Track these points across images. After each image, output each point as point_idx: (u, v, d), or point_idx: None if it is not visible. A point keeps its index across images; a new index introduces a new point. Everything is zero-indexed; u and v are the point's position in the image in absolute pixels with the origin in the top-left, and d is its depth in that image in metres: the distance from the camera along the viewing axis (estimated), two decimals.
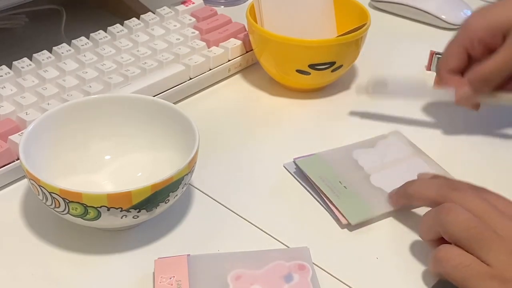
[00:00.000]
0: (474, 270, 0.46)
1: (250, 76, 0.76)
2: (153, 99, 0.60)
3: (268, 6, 0.72)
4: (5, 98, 0.63)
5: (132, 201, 0.49)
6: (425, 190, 0.53)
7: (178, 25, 0.76)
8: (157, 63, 0.70)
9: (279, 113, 0.71)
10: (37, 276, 0.51)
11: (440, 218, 0.49)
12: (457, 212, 0.48)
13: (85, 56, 0.69)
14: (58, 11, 0.81)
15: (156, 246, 0.54)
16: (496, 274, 0.45)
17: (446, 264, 0.47)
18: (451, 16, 0.88)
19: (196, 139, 0.54)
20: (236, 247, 0.53)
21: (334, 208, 0.57)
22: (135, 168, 0.59)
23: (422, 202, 0.54)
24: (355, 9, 0.75)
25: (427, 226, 0.51)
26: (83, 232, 0.54)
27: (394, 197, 0.57)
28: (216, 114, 0.70)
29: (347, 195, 0.58)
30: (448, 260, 0.47)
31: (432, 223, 0.50)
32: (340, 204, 0.57)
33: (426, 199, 0.53)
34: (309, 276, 0.49)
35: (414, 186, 0.55)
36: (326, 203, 0.58)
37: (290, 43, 0.68)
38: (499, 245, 0.46)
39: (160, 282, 0.48)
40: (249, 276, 0.49)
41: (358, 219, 0.56)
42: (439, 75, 0.66)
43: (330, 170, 0.60)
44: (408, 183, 0.56)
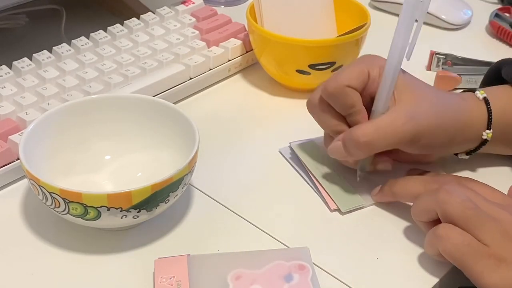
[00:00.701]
0: (473, 248, 0.48)
1: (250, 76, 0.76)
2: (153, 99, 0.60)
3: (268, 6, 0.72)
4: (5, 98, 0.63)
5: (132, 201, 0.49)
6: (411, 188, 0.55)
7: (178, 25, 0.76)
8: (157, 63, 0.70)
9: (279, 113, 0.71)
10: (37, 276, 0.51)
11: (439, 199, 0.50)
12: (456, 194, 0.50)
13: (85, 56, 0.69)
14: (58, 11, 0.81)
15: (156, 246, 0.54)
16: (492, 253, 0.47)
17: (446, 242, 0.48)
18: (451, 16, 0.88)
19: (196, 139, 0.54)
20: (236, 247, 0.53)
21: (325, 193, 0.58)
22: (135, 168, 0.59)
23: (409, 199, 0.56)
24: (355, 9, 0.75)
25: (422, 207, 0.52)
26: (83, 232, 0.54)
27: (379, 195, 0.58)
28: (216, 114, 0.70)
29: (339, 182, 0.59)
30: (449, 238, 0.48)
31: (430, 204, 0.51)
32: (332, 191, 0.58)
33: (414, 196, 0.54)
34: (309, 276, 0.49)
35: (399, 184, 0.56)
36: (317, 189, 0.59)
37: (290, 43, 0.68)
38: (494, 226, 0.48)
39: (160, 282, 0.48)
40: (249, 276, 0.49)
41: (348, 206, 0.57)
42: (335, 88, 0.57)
43: (324, 157, 0.61)
44: (392, 182, 0.57)
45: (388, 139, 0.55)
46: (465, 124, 0.58)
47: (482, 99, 0.59)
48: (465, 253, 0.48)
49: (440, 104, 0.57)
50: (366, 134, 0.54)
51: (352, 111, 0.56)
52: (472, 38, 0.87)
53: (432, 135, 0.56)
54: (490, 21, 0.88)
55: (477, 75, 0.75)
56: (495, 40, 0.87)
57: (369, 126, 0.55)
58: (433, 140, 0.57)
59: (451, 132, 0.57)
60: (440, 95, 0.59)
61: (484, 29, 0.89)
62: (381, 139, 0.55)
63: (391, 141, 0.55)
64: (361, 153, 0.56)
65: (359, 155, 0.56)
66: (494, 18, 0.87)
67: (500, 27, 0.86)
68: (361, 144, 0.55)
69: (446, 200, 0.49)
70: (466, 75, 0.75)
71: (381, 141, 0.55)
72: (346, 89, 0.56)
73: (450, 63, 0.78)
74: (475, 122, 0.59)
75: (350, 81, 0.56)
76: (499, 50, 0.84)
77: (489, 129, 0.59)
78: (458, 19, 0.89)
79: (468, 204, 0.49)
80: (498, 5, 0.94)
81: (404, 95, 0.56)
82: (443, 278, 0.52)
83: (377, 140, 0.55)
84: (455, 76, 0.75)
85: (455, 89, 0.75)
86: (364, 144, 0.55)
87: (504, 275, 0.47)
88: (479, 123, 0.59)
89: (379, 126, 0.55)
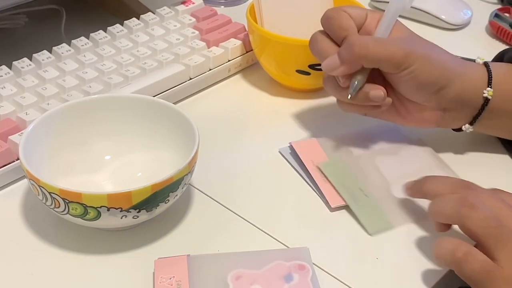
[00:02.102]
0: (490, 275, 0.46)
1: (250, 76, 0.76)
2: (153, 99, 0.60)
3: (268, 6, 0.72)
4: (5, 98, 0.63)
5: (132, 201, 0.49)
6: (440, 188, 0.53)
7: (178, 25, 0.76)
8: (157, 63, 0.70)
9: (279, 113, 0.71)
10: (37, 276, 0.51)
11: (461, 212, 0.48)
12: (480, 209, 0.48)
13: (85, 56, 0.69)
14: (58, 11, 0.81)
15: (156, 246, 0.54)
16: (506, 277, 0.46)
17: (465, 267, 0.47)
18: (451, 16, 0.88)
19: (196, 139, 0.54)
20: (236, 247, 0.53)
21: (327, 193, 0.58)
22: (135, 168, 0.59)
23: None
24: None
25: (443, 211, 0.50)
26: (83, 232, 0.54)
27: (410, 191, 0.56)
28: (216, 114, 0.70)
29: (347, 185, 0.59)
30: (471, 264, 0.47)
31: (452, 213, 0.49)
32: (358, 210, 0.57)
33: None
34: (309, 276, 0.49)
35: (429, 183, 0.54)
36: (318, 188, 0.59)
37: (290, 43, 0.68)
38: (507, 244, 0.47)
39: (160, 282, 0.48)
40: (249, 276, 0.49)
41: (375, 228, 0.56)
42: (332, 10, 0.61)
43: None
44: (423, 180, 0.55)
45: (383, 49, 0.57)
46: (464, 73, 0.59)
47: (482, 63, 0.61)
48: (481, 279, 0.47)
49: (438, 47, 0.60)
50: (362, 38, 0.57)
51: (346, 34, 0.58)
52: (472, 38, 0.87)
53: (427, 65, 0.57)
54: (490, 21, 0.88)
55: None
56: (495, 40, 0.87)
57: (367, 37, 0.59)
58: (427, 73, 0.57)
59: (447, 73, 0.58)
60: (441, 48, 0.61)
61: (484, 29, 0.89)
62: (376, 47, 0.56)
63: (385, 52, 0.57)
64: (355, 57, 0.57)
65: (352, 60, 0.57)
66: (494, 18, 0.87)
67: (500, 27, 0.86)
68: (356, 46, 0.56)
69: (468, 215, 0.48)
70: None
71: (376, 49, 0.56)
72: (342, 12, 0.59)
73: None
74: (475, 77, 0.59)
75: (348, 9, 0.60)
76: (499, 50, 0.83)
77: (489, 87, 0.59)
78: (458, 19, 0.89)
79: (491, 222, 0.47)
80: (498, 5, 0.94)
81: (402, 33, 0.60)
82: (443, 278, 0.52)
83: (372, 46, 0.56)
84: None
85: None
86: (359, 46, 0.56)
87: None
88: (479, 79, 0.59)
89: (376, 39, 0.58)
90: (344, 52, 0.57)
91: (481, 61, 0.61)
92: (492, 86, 0.59)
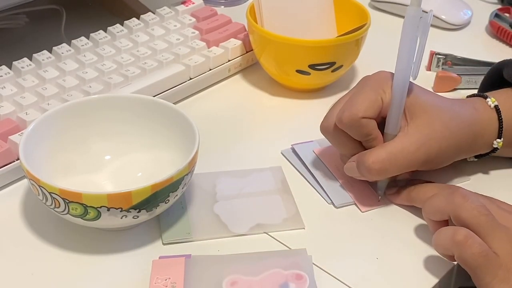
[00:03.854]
0: (489, 260, 0.47)
1: (250, 76, 0.76)
2: (153, 99, 0.60)
3: (268, 6, 0.72)
4: (5, 98, 0.63)
5: (132, 201, 0.49)
6: (428, 191, 0.56)
7: (178, 25, 0.76)
8: (157, 63, 0.70)
9: (279, 113, 0.71)
10: (37, 276, 0.51)
11: (454, 201, 0.50)
12: (471, 199, 0.49)
13: (85, 56, 0.69)
14: (58, 11, 0.80)
15: (156, 246, 0.54)
16: (502, 264, 0.47)
17: (465, 250, 0.48)
18: (451, 16, 0.88)
19: (196, 139, 0.54)
20: (236, 248, 0.53)
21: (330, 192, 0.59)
22: (135, 168, 0.59)
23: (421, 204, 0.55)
24: (355, 9, 0.75)
25: (436, 207, 0.51)
26: (83, 232, 0.54)
27: (395, 197, 0.58)
28: (216, 114, 0.70)
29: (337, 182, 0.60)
30: (469, 246, 0.47)
31: (443, 205, 0.51)
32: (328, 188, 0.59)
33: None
34: (306, 286, 0.49)
35: (417, 189, 0.57)
36: (322, 189, 0.60)
37: (290, 43, 0.68)
38: (506, 235, 0.48)
39: (155, 283, 0.48)
40: (244, 282, 0.49)
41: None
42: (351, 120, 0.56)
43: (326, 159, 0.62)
44: (411, 186, 0.57)
45: (399, 165, 0.56)
46: (477, 136, 0.59)
47: (494, 107, 0.59)
48: (482, 264, 0.47)
49: (453, 120, 0.57)
50: (377, 162, 0.55)
51: (368, 138, 0.57)
52: (472, 38, 0.87)
53: (444, 154, 0.57)
54: (490, 21, 0.88)
55: (477, 75, 0.75)
56: (495, 40, 0.87)
57: (381, 153, 0.55)
58: (445, 157, 0.58)
59: (463, 146, 0.58)
60: (452, 109, 0.58)
61: (484, 29, 0.89)
62: (392, 166, 0.55)
63: (402, 167, 0.56)
64: (374, 178, 0.57)
65: (373, 179, 0.57)
66: (494, 18, 0.87)
67: (500, 27, 0.86)
68: (373, 171, 0.55)
69: (461, 204, 0.49)
70: (466, 75, 0.75)
71: (392, 167, 0.55)
72: (362, 120, 0.56)
73: (450, 63, 0.78)
74: (486, 132, 0.59)
75: (365, 112, 0.56)
76: (499, 50, 0.84)
77: (499, 138, 0.59)
78: (458, 19, 0.89)
79: (481, 210, 0.49)
80: (498, 5, 0.94)
81: (416, 115, 0.57)
82: (443, 278, 0.52)
83: (388, 167, 0.55)
84: (455, 76, 0.75)
85: (455, 89, 0.75)
86: (375, 171, 0.55)
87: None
88: (490, 132, 0.59)
89: (390, 152, 0.55)
90: (363, 172, 0.56)
91: (492, 104, 0.59)
92: (503, 134, 0.59)
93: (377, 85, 0.57)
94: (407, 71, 0.55)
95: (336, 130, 0.58)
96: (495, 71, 0.64)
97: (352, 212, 0.58)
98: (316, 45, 0.69)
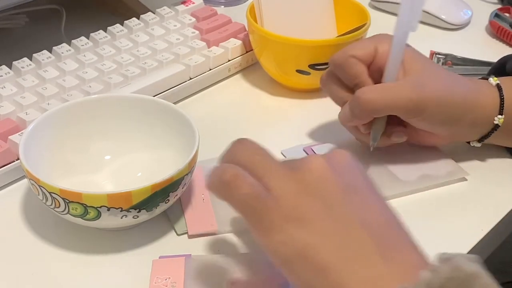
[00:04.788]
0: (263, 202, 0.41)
1: (250, 76, 0.76)
2: (153, 99, 0.60)
3: (268, 6, 0.72)
4: (5, 98, 0.63)
5: (132, 201, 0.49)
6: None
7: (178, 25, 0.76)
8: (157, 63, 0.70)
9: (279, 113, 0.71)
10: (37, 275, 0.51)
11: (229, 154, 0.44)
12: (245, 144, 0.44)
13: (85, 56, 0.69)
14: (58, 11, 0.81)
15: (156, 246, 0.54)
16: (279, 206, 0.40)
17: (236, 191, 0.41)
18: (451, 16, 0.88)
19: (196, 139, 0.54)
20: (236, 248, 0.53)
21: None
22: (135, 168, 0.59)
23: None
24: (355, 9, 0.76)
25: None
26: (83, 232, 0.54)
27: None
28: (216, 114, 0.70)
29: None
30: (240, 186, 0.41)
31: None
32: None
33: None
34: None
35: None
36: None
37: (290, 43, 0.68)
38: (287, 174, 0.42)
39: (155, 283, 0.48)
40: (244, 282, 0.49)
41: None
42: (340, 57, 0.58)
43: None
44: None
45: (391, 100, 0.55)
46: (475, 105, 0.58)
47: (495, 85, 0.59)
48: (251, 206, 0.41)
49: (450, 79, 0.58)
50: (370, 91, 0.56)
51: (357, 81, 0.57)
52: (472, 38, 0.87)
53: (439, 108, 0.56)
54: (490, 21, 0.88)
55: (477, 75, 0.74)
56: (495, 40, 0.87)
57: (375, 86, 0.57)
58: (440, 114, 0.57)
59: (459, 110, 0.57)
60: (451, 73, 0.59)
61: (484, 29, 0.89)
62: (384, 99, 0.55)
63: (394, 103, 0.55)
64: (364, 112, 0.56)
65: (362, 115, 0.57)
66: (494, 18, 0.87)
67: (500, 27, 0.86)
68: (364, 101, 0.55)
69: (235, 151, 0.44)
70: (466, 75, 0.75)
71: (384, 101, 0.55)
72: (351, 59, 0.57)
73: (450, 63, 0.78)
74: (486, 105, 0.58)
75: (356, 52, 0.58)
76: (499, 50, 0.84)
77: (501, 114, 0.59)
78: (458, 19, 0.89)
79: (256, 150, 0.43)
80: (498, 5, 0.94)
81: (413, 67, 0.57)
82: None
83: (380, 99, 0.55)
84: None
85: None
86: (366, 101, 0.55)
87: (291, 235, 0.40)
88: (490, 107, 0.58)
89: (384, 87, 0.56)
90: (354, 108, 0.57)
91: (494, 82, 0.59)
92: (504, 111, 0.59)
93: (374, 38, 0.60)
94: (408, 23, 0.56)
95: (331, 76, 0.60)
96: (498, 66, 0.64)
97: None
98: (316, 45, 0.69)
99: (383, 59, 0.57)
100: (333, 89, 0.60)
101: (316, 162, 0.42)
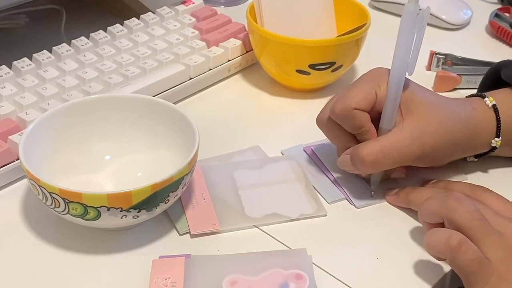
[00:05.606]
0: (482, 267, 0.47)
1: (250, 76, 0.76)
2: (153, 99, 0.60)
3: (268, 6, 0.72)
4: (5, 98, 0.63)
5: (132, 201, 0.49)
6: (425, 194, 0.55)
7: (178, 25, 0.76)
8: (157, 63, 0.70)
9: (279, 113, 0.71)
10: (37, 276, 0.51)
11: (448, 204, 0.49)
12: (465, 203, 0.49)
13: (85, 56, 0.69)
14: (58, 11, 0.81)
15: (156, 246, 0.54)
16: (494, 270, 0.47)
17: (459, 255, 0.47)
18: (451, 16, 0.88)
19: (196, 139, 0.54)
20: (236, 248, 0.53)
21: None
22: (135, 168, 0.59)
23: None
24: (355, 9, 0.75)
25: (430, 209, 0.51)
26: (83, 232, 0.54)
27: (393, 198, 0.58)
28: (216, 114, 0.70)
29: None
30: (464, 253, 0.47)
31: (437, 208, 0.50)
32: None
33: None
34: (306, 286, 0.49)
35: (416, 193, 0.57)
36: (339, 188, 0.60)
37: (290, 43, 0.68)
38: (499, 240, 0.47)
39: (155, 282, 0.48)
40: (244, 282, 0.49)
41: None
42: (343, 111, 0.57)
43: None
44: (410, 189, 0.57)
45: (393, 158, 0.56)
46: (474, 135, 0.58)
47: (491, 106, 0.59)
48: (475, 270, 0.47)
49: (450, 118, 0.57)
50: (371, 153, 0.55)
51: (361, 131, 0.57)
52: (472, 38, 0.87)
53: (439, 150, 0.57)
54: (490, 21, 0.88)
55: (477, 75, 0.75)
56: (495, 40, 0.87)
57: (374, 145, 0.55)
58: (442, 154, 0.57)
59: (459, 144, 0.58)
60: (449, 107, 0.58)
61: (484, 29, 0.89)
62: (386, 159, 0.55)
63: (396, 160, 0.56)
64: (367, 171, 0.57)
65: (366, 171, 0.57)
66: (494, 18, 0.87)
67: (500, 27, 0.86)
68: (367, 162, 0.55)
69: (454, 207, 0.49)
70: (466, 75, 0.75)
71: (386, 160, 0.55)
72: (354, 111, 0.56)
73: (450, 63, 0.78)
74: (484, 131, 0.59)
75: (358, 103, 0.56)
76: (499, 50, 0.84)
77: (498, 137, 0.59)
78: (458, 19, 0.89)
79: (475, 215, 0.48)
80: (498, 5, 0.94)
81: (411, 111, 0.57)
82: (443, 278, 0.52)
83: (382, 159, 0.55)
84: (455, 76, 0.75)
85: (455, 89, 0.75)
86: (369, 163, 0.55)
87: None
88: (488, 131, 0.59)
89: (384, 145, 0.55)
90: (357, 165, 0.56)
91: (490, 103, 0.59)
92: (501, 134, 0.59)
93: (372, 79, 0.58)
94: (403, 67, 0.55)
95: (330, 122, 0.58)
96: (493, 72, 0.64)
97: (352, 212, 0.58)
98: (316, 45, 0.69)
99: (382, 103, 0.57)
100: (334, 135, 0.59)
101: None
